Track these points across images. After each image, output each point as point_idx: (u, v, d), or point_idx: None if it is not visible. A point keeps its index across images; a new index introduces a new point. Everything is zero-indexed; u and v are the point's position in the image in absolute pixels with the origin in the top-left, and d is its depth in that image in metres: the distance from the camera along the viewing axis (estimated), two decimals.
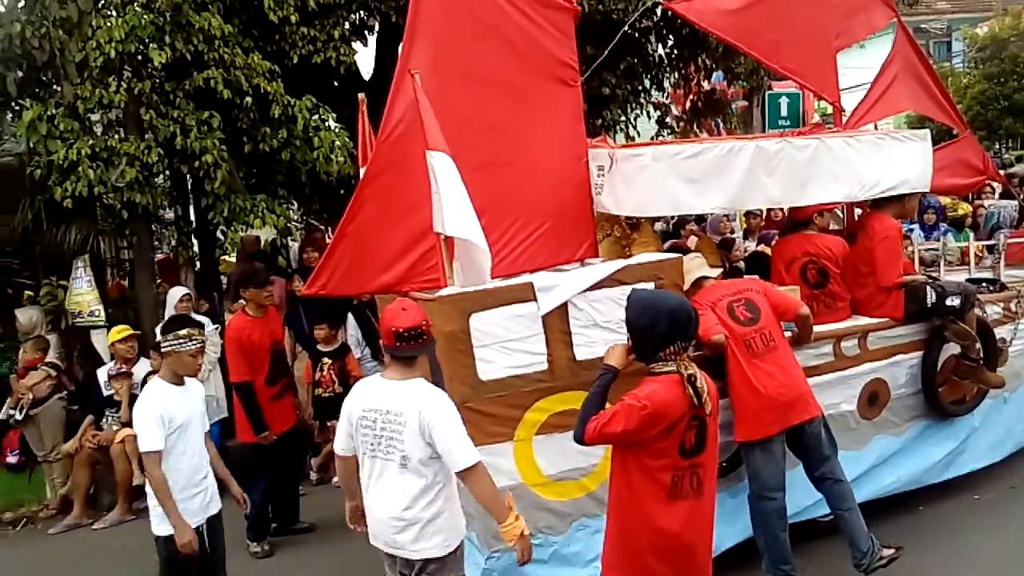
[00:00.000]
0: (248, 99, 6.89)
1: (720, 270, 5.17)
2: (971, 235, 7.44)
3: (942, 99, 6.51)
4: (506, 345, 4.34)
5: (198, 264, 8.69)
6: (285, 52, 7.42)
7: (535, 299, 4.34)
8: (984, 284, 6.07)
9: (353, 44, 8.18)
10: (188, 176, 7.64)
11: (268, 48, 7.38)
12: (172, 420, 4.08)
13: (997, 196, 8.97)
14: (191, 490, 4.18)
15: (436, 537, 3.49)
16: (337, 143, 7.28)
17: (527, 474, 4.43)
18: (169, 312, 7.22)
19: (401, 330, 3.39)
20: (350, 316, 7.40)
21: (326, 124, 7.44)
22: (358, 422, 3.48)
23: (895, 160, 5.30)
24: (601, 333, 4.44)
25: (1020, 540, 5.06)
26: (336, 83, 8.89)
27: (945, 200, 8.48)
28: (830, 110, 6.46)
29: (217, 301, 8.35)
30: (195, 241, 8.47)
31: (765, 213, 8.62)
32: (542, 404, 4.41)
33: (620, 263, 4.54)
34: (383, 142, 4.58)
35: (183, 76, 6.93)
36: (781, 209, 8.26)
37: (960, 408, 5.50)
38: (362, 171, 5.49)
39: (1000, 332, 5.62)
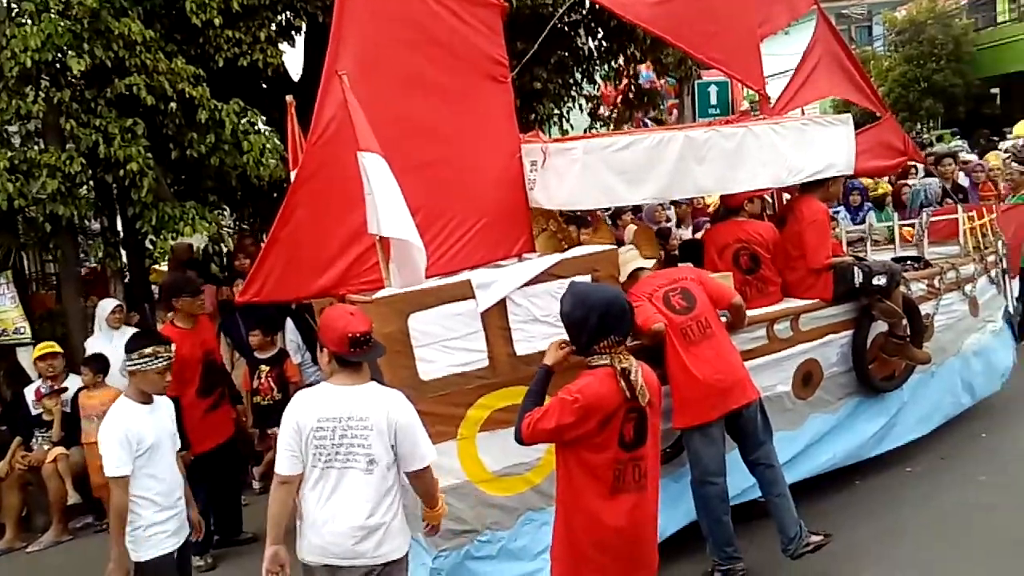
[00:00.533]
0: (173, 104, 6.71)
1: (654, 261, 5.23)
2: (895, 215, 7.68)
3: (862, 83, 6.70)
4: (446, 344, 4.34)
5: (127, 275, 8.46)
6: (210, 56, 7.19)
7: (473, 296, 4.35)
8: (909, 262, 6.28)
9: (280, 45, 8.01)
10: (113, 185, 7.39)
11: (192, 52, 7.19)
12: (141, 441, 3.88)
13: (922, 175, 9.27)
14: (168, 512, 4.02)
15: (397, 539, 3.49)
16: (268, 146, 7.11)
17: (472, 471, 4.44)
18: (99, 326, 7.03)
19: (358, 335, 3.34)
20: (289, 321, 7.30)
21: (255, 128, 7.25)
22: (311, 434, 3.34)
23: (820, 145, 5.45)
24: (540, 328, 4.47)
25: (951, 510, 5.23)
26: (264, 85, 8.71)
27: (866, 180, 8.73)
28: (758, 97, 6.59)
29: (149, 312, 8.14)
30: (123, 252, 8.22)
31: (692, 201, 8.73)
32: (484, 401, 4.43)
33: (556, 257, 4.57)
34: (314, 145, 4.55)
35: (104, 83, 6.71)
36: (701, 198, 8.45)
37: (890, 384, 5.68)
38: (293, 174, 5.45)
39: (925, 308, 5.81)
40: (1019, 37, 19.78)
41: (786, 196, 6.17)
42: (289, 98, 5.34)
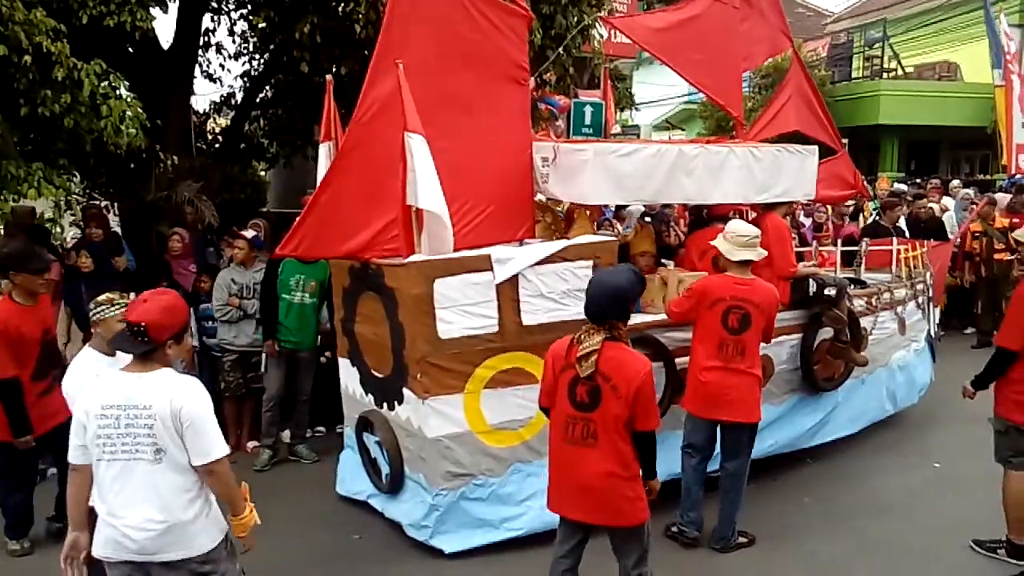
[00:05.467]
0: (27, 58, 6.02)
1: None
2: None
3: (825, 121, 7.53)
4: (464, 308, 4.95)
5: None
6: (73, 11, 6.54)
7: (491, 269, 4.97)
8: (850, 282, 7.11)
9: (151, 9, 7.31)
10: None
11: (54, 5, 6.46)
12: None
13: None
14: None
15: (205, 533, 3.30)
16: (129, 113, 6.54)
17: (474, 422, 5.07)
18: None
19: (127, 322, 3.24)
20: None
21: (117, 92, 6.63)
22: (96, 422, 3.17)
23: (788, 170, 6.21)
24: (545, 302, 5.13)
25: (775, 528, 5.53)
26: (131, 49, 8.40)
27: None
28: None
29: None
30: None
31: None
32: (491, 362, 5.05)
33: (564, 243, 5.23)
34: (357, 122, 5.05)
35: None
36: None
37: (829, 384, 6.44)
38: (324, 146, 5.97)
39: (863, 322, 6.62)
40: (869, 94, 21.34)
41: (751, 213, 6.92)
42: (328, 77, 5.83)
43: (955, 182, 14.80)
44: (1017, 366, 4.85)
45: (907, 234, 9.23)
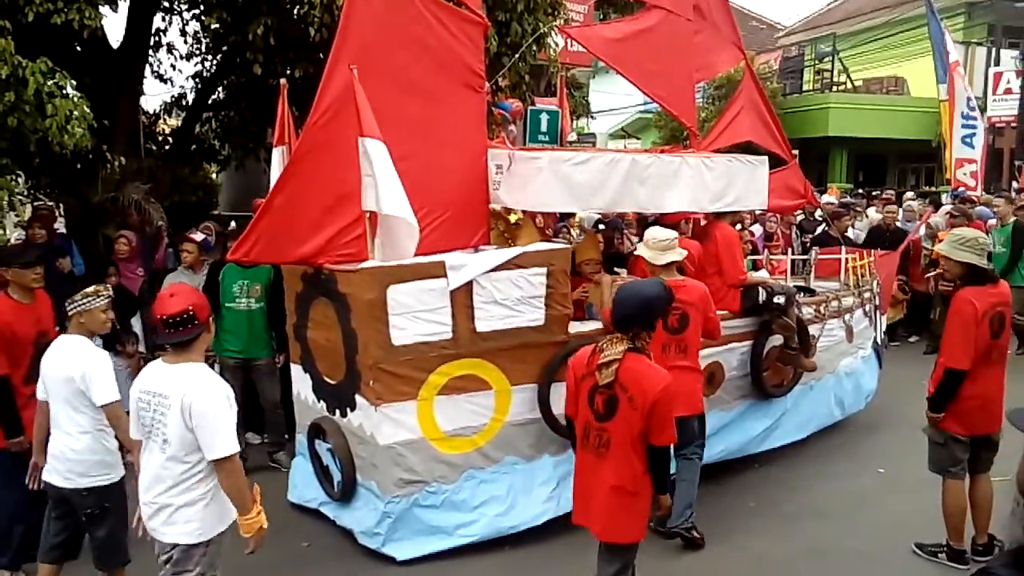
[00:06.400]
0: None
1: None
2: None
3: (776, 132, 7.65)
4: (417, 315, 4.94)
5: None
6: (19, 8, 6.39)
7: (445, 276, 4.96)
8: (799, 290, 7.24)
9: (100, 8, 7.16)
10: None
11: None
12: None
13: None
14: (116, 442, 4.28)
15: (188, 524, 3.52)
16: (75, 113, 6.37)
17: (427, 429, 5.05)
18: None
19: (166, 317, 3.46)
20: None
21: (63, 91, 6.49)
22: (136, 404, 3.57)
23: (741, 180, 6.32)
24: (499, 309, 5.13)
25: (724, 531, 5.54)
26: (79, 48, 8.32)
27: None
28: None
29: None
30: None
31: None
32: (444, 368, 5.04)
33: (519, 250, 5.24)
34: (312, 126, 5.02)
35: None
36: None
37: (778, 391, 6.56)
38: (277, 150, 5.92)
39: (811, 329, 6.75)
40: (819, 106, 21.94)
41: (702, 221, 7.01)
42: (283, 81, 5.78)
43: (909, 194, 15.16)
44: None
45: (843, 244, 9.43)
